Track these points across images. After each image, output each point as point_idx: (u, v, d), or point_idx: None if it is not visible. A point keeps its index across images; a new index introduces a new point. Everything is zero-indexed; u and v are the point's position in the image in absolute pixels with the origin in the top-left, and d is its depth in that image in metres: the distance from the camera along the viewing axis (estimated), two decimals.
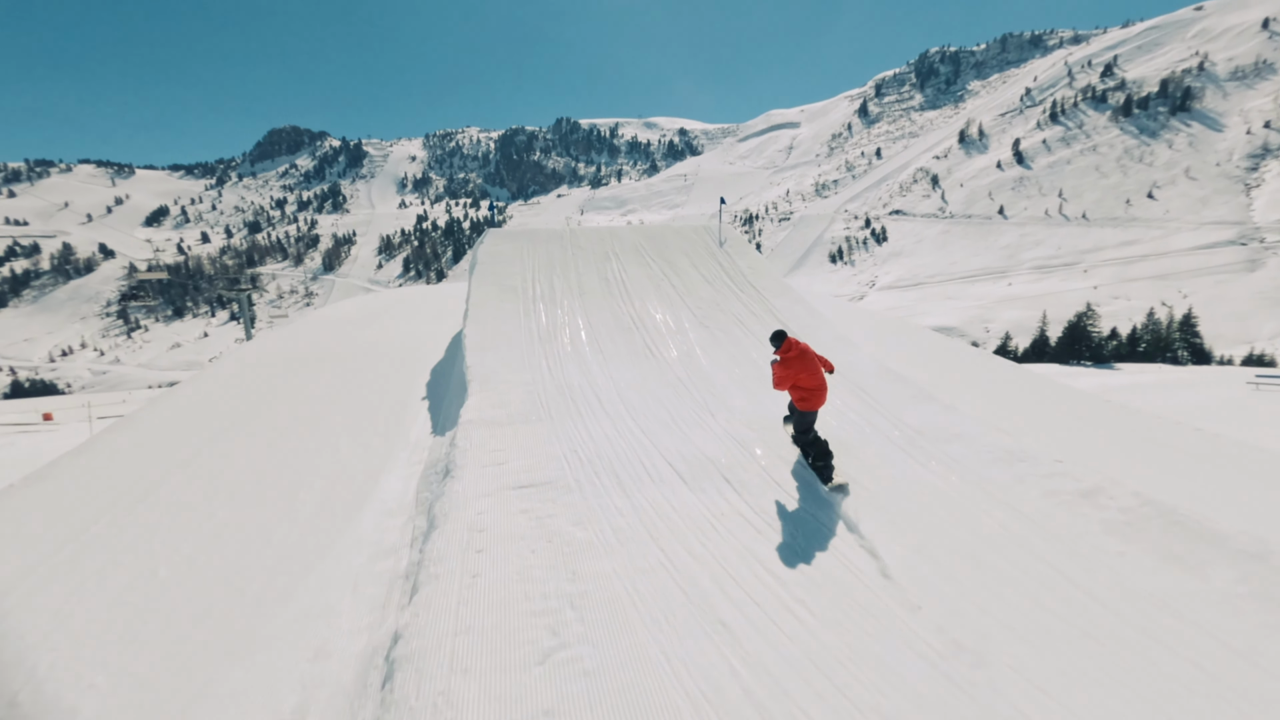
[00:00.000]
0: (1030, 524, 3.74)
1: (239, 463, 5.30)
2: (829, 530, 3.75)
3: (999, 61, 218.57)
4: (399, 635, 2.82)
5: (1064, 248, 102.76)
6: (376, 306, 12.09)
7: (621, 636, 2.77)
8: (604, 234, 10.52)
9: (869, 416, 5.45)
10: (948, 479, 4.36)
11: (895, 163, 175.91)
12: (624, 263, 9.52)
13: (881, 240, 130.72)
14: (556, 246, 9.97)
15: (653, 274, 9.20)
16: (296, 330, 10.30)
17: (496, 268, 8.94)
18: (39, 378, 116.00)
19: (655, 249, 10.15)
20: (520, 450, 4.74)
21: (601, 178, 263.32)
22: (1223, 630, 2.76)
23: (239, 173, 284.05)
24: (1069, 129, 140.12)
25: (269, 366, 8.02)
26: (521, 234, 10.37)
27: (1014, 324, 77.83)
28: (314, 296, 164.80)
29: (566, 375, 6.39)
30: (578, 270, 9.13)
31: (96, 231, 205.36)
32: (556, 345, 7.16)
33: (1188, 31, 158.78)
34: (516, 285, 8.52)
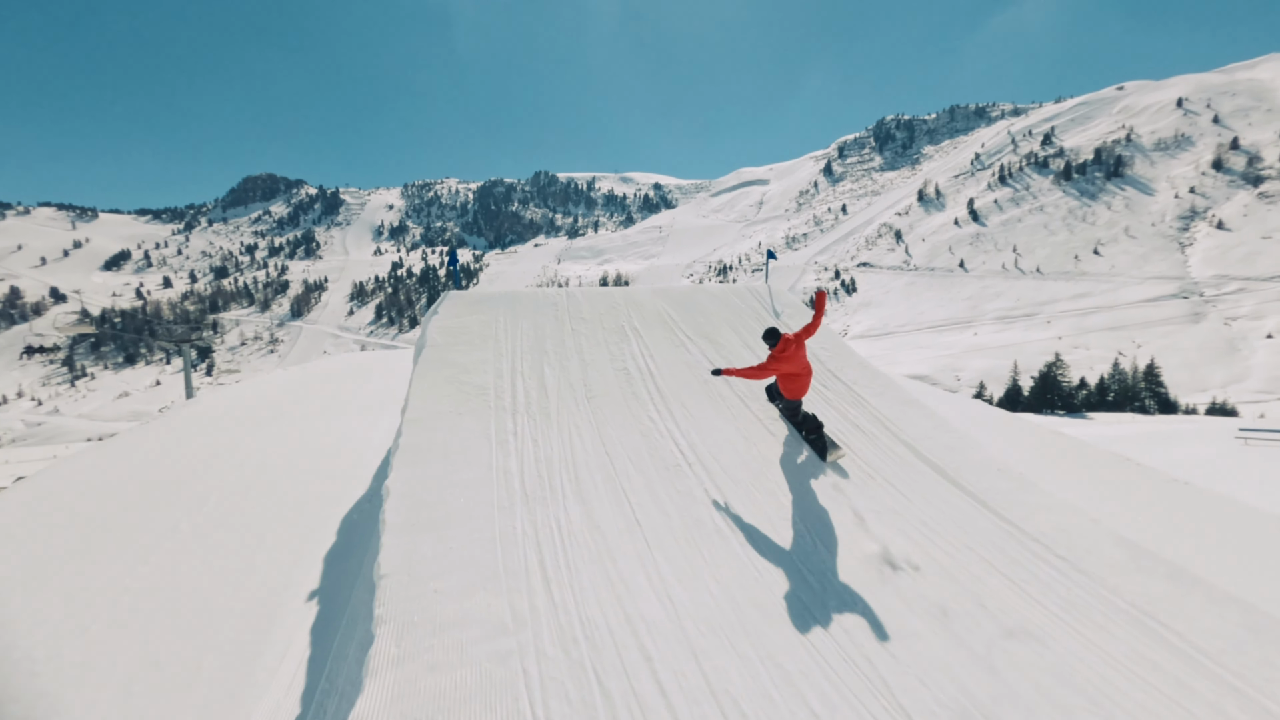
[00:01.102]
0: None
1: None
2: None
3: (948, 129, 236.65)
4: None
5: (1022, 299, 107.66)
6: (306, 381, 9.28)
7: None
8: (615, 297, 7.26)
9: None
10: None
11: (860, 218, 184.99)
12: (647, 342, 6.31)
13: (851, 291, 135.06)
14: (548, 317, 6.58)
15: (692, 360, 6.06)
16: (173, 426, 6.71)
17: (455, 354, 5.55)
18: None
19: (689, 320, 6.97)
20: None
21: (578, 228, 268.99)
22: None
23: (209, 218, 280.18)
24: (1017, 190, 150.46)
25: (66, 511, 4.49)
26: (496, 298, 6.83)
27: (983, 372, 79.78)
28: (279, 343, 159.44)
29: (582, 605, 2.99)
30: (580, 355, 5.86)
31: (49, 275, 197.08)
32: (554, 515, 3.70)
33: (1113, 107, 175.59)
34: (486, 384, 5.11)
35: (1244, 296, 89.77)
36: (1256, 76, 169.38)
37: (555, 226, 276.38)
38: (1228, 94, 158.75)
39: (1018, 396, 48.85)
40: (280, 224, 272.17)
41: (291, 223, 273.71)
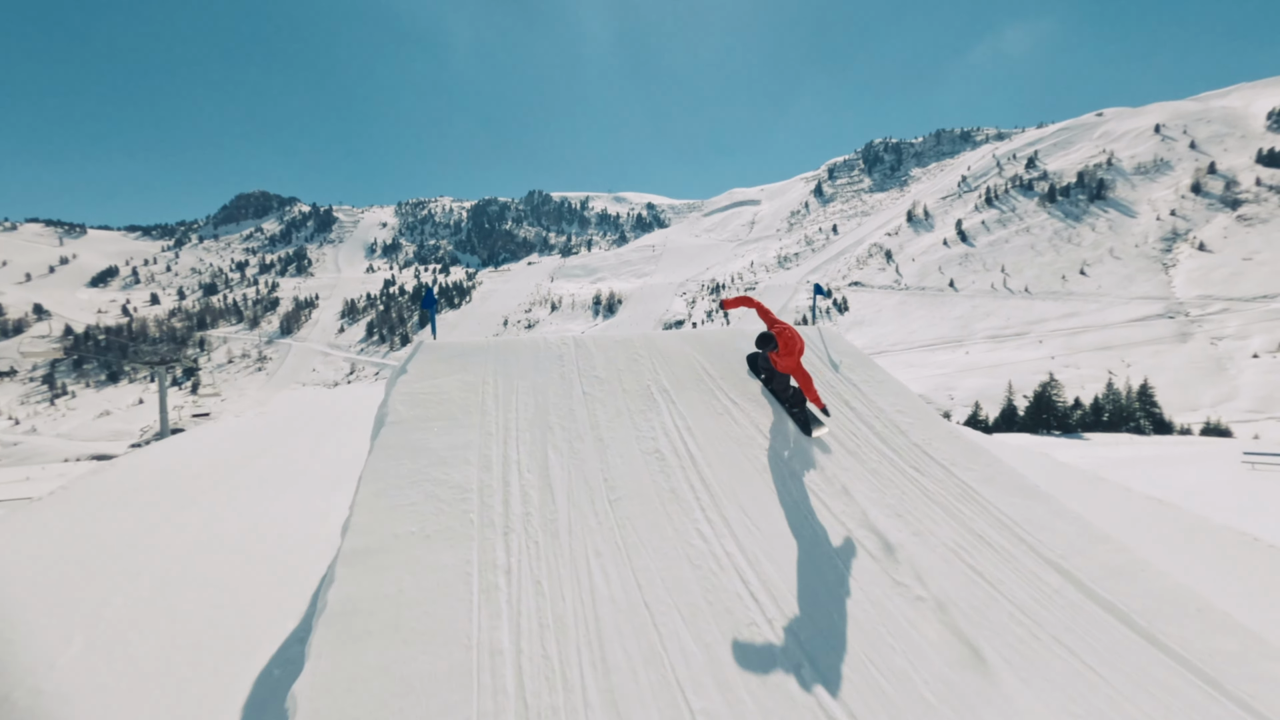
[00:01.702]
0: None
1: None
2: None
3: (935, 152, 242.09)
4: None
5: (1012, 319, 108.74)
6: (259, 433, 7.74)
7: None
8: (635, 347, 5.58)
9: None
10: None
11: (851, 238, 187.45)
12: (681, 408, 4.68)
13: (843, 310, 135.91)
14: (552, 375, 4.92)
15: (742, 434, 4.46)
16: (65, 508, 5.47)
17: (427, 435, 3.93)
18: None
19: (729, 375, 5.24)
20: None
21: (572, 247, 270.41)
22: None
23: (200, 235, 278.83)
24: (1004, 212, 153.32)
25: None
26: (485, 349, 5.08)
27: (976, 392, 79.90)
28: (267, 361, 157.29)
29: None
30: (597, 432, 4.27)
31: (34, 291, 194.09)
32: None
33: (1093, 133, 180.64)
34: (467, 483, 3.56)
35: (1229, 316, 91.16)
36: (1229, 104, 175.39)
37: (549, 245, 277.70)
38: (1203, 120, 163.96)
39: (1013, 417, 48.68)
40: (272, 241, 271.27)
41: (284, 240, 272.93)
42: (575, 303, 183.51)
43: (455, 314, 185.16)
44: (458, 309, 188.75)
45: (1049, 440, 41.38)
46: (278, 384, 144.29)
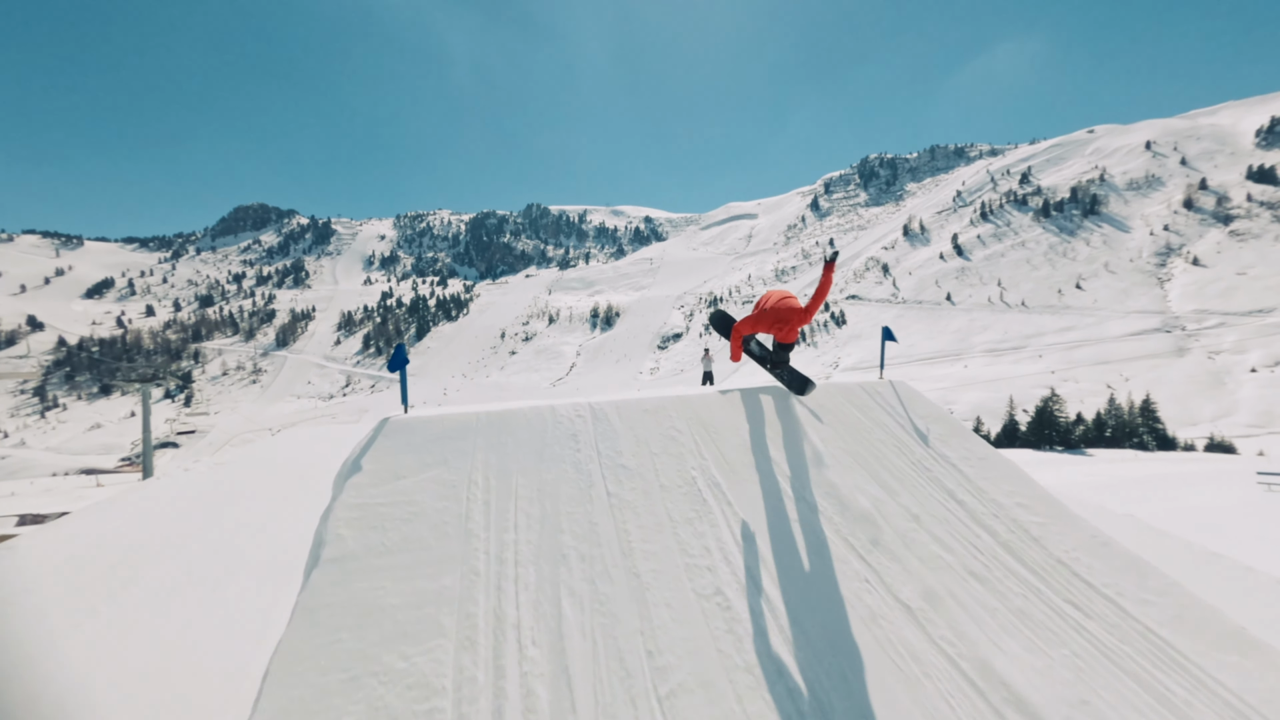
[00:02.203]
0: None
1: None
2: None
3: (930, 168, 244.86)
4: None
5: (1010, 332, 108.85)
6: (206, 495, 5.93)
7: None
8: (670, 416, 4.14)
9: None
10: None
11: (847, 252, 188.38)
12: (741, 509, 3.39)
13: (841, 323, 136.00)
14: (564, 467, 3.53)
15: (831, 551, 3.36)
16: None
17: (378, 581, 2.65)
18: None
19: (793, 454, 4.10)
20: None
21: (570, 259, 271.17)
22: None
23: (198, 247, 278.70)
24: (999, 226, 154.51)
25: None
26: (470, 428, 3.69)
27: (976, 406, 79.53)
28: (262, 373, 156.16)
29: None
30: (630, 563, 2.95)
31: (27, 303, 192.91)
32: None
33: (1085, 149, 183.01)
34: (442, 679, 2.29)
35: (1225, 331, 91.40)
36: (1218, 122, 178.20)
37: (547, 258, 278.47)
38: (1193, 137, 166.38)
39: (1015, 432, 48.26)
40: (270, 253, 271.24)
41: (282, 252, 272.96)
42: (573, 315, 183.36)
43: (452, 326, 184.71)
44: (455, 321, 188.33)
45: (1052, 457, 40.92)
46: (272, 396, 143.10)
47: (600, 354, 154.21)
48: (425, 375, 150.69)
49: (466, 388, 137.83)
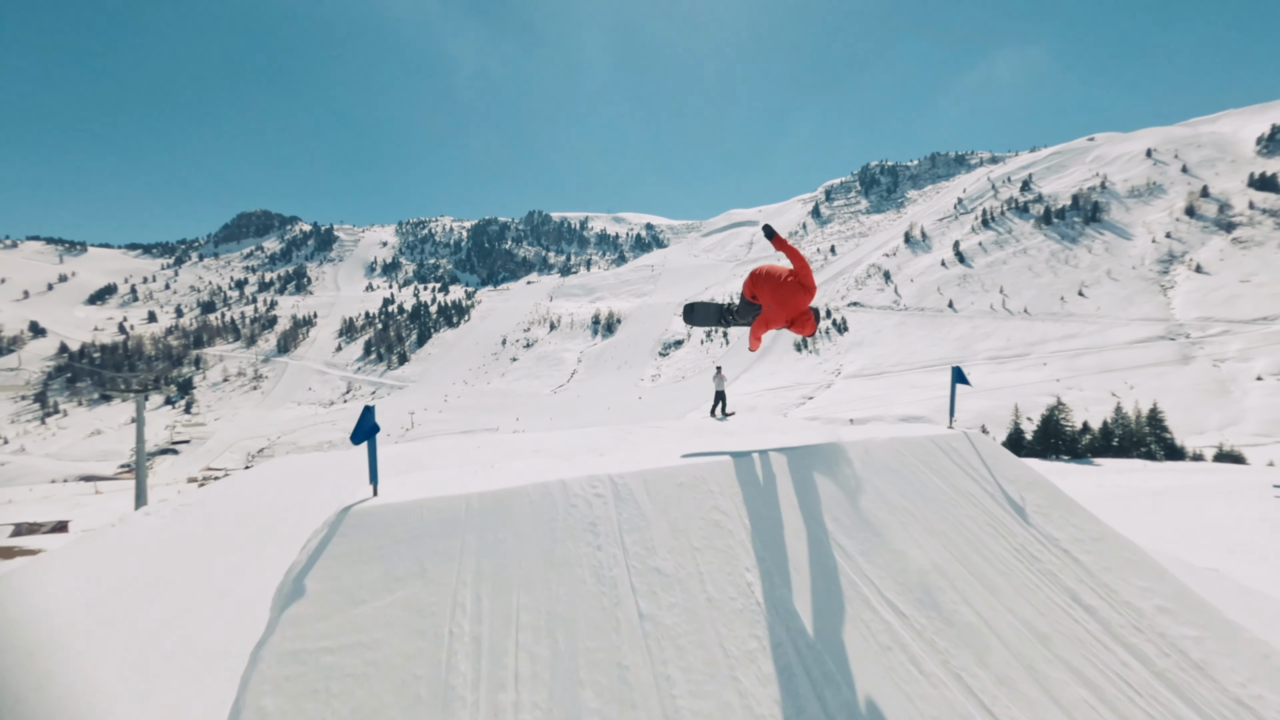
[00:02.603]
0: None
1: None
2: None
3: (930, 175, 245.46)
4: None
5: (1013, 340, 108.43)
6: (170, 545, 4.68)
7: None
8: (710, 493, 3.23)
9: None
10: None
11: (849, 259, 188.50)
12: (818, 638, 2.57)
13: (843, 330, 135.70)
14: (580, 573, 2.65)
15: (947, 698, 2.44)
16: None
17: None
18: None
19: (866, 541, 3.15)
20: None
21: (571, 266, 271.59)
22: None
23: (200, 253, 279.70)
24: (1000, 234, 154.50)
25: None
26: (459, 521, 2.75)
27: (980, 414, 78.99)
28: (263, 379, 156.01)
29: None
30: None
31: (29, 309, 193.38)
32: None
33: (1086, 156, 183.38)
34: None
35: (1229, 338, 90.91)
36: (1219, 130, 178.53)
37: (548, 264, 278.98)
38: (1193, 145, 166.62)
39: (1020, 441, 47.76)
40: (272, 259, 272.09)
41: (284, 258, 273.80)
42: (574, 322, 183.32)
43: (453, 332, 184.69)
44: (456, 328, 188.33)
45: (1060, 466, 40.46)
46: (273, 403, 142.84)
47: (601, 361, 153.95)
48: (426, 382, 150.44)
49: (467, 394, 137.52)
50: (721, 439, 4.94)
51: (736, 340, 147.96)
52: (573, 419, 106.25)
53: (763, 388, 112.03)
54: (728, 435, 6.04)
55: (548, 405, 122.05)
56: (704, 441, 4.77)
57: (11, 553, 21.40)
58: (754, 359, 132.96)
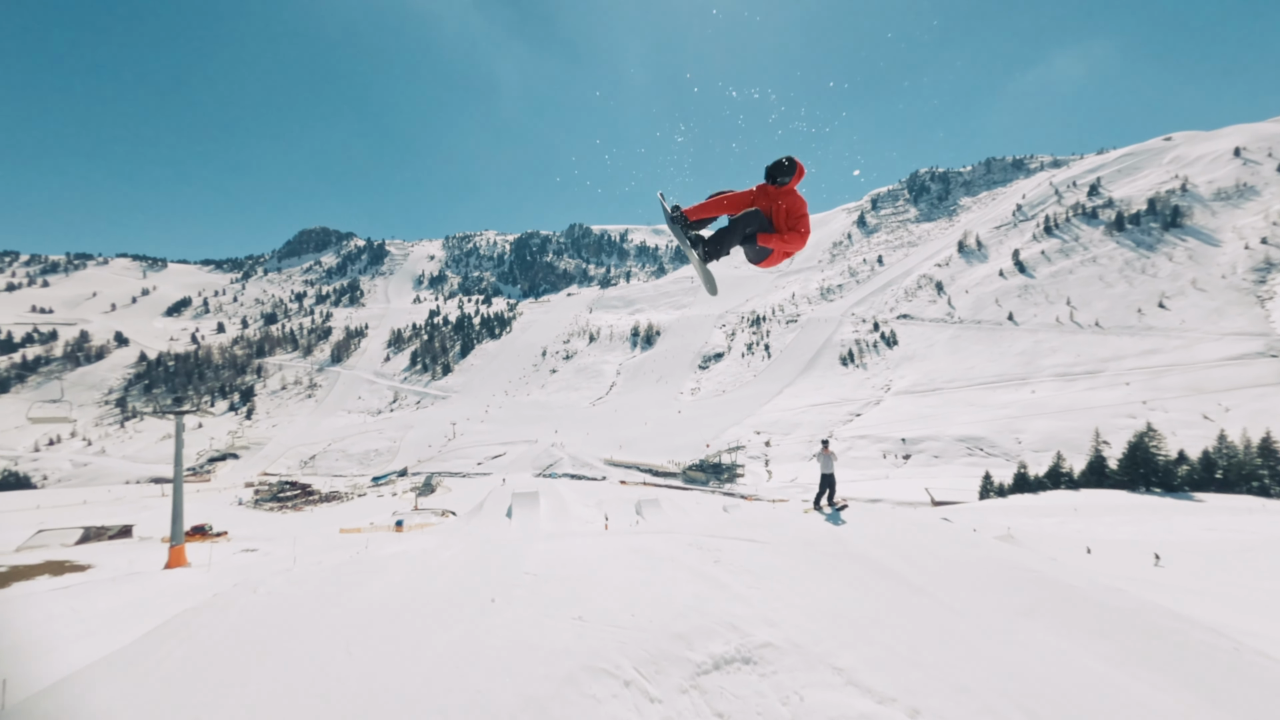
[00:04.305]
0: None
1: None
2: None
3: (985, 181, 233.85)
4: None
5: (1083, 355, 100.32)
6: (222, 654, 3.42)
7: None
8: None
9: None
10: None
11: (897, 269, 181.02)
12: None
13: (892, 344, 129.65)
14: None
15: None
16: None
17: None
18: (16, 469, 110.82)
19: None
20: None
21: (611, 278, 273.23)
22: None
23: (265, 268, 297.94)
24: (1065, 241, 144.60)
25: None
26: None
27: (1048, 436, 72.96)
28: (317, 388, 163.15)
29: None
30: None
31: (117, 320, 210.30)
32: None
33: (1163, 158, 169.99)
34: None
35: None
36: None
37: (588, 276, 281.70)
38: None
39: (1102, 469, 43.13)
40: (329, 273, 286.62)
41: (340, 272, 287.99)
42: (613, 334, 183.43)
43: (495, 344, 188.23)
44: (498, 339, 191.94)
45: (1152, 501, 36.01)
46: (326, 410, 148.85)
47: (640, 373, 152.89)
48: (468, 392, 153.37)
49: (508, 405, 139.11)
50: (851, 574, 3.14)
51: (779, 354, 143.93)
52: (610, 433, 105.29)
53: (807, 403, 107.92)
54: (855, 561, 4.25)
55: (585, 418, 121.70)
56: (829, 577, 2.99)
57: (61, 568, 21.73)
58: (796, 373, 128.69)
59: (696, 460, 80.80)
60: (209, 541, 28.75)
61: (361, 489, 75.49)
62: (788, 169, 3.46)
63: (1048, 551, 19.39)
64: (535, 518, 30.61)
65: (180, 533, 17.49)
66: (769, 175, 3.47)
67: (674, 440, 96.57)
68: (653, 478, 78.08)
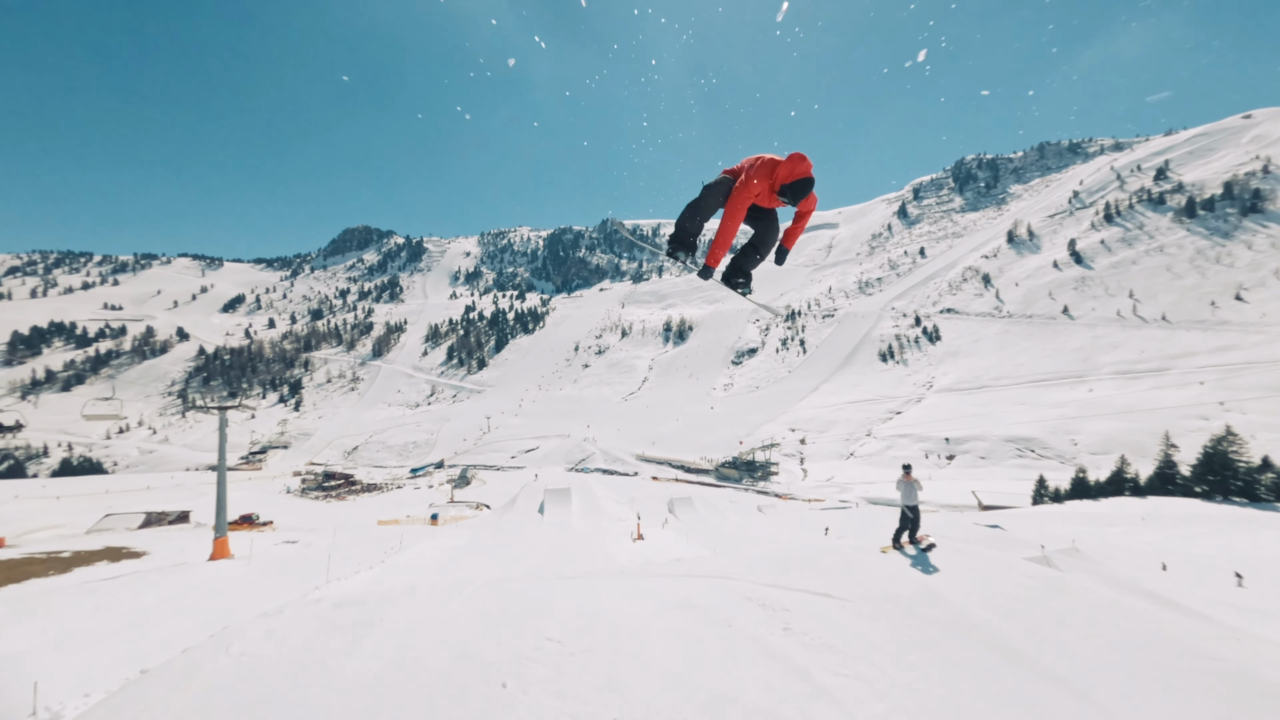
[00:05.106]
0: None
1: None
2: None
3: (1038, 167, 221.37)
4: None
5: (1148, 351, 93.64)
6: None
7: None
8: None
9: None
10: None
11: (940, 261, 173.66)
12: None
13: (935, 339, 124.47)
14: None
15: None
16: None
17: None
18: (90, 455, 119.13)
19: None
20: None
21: (643, 273, 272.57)
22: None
23: (312, 266, 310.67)
24: (1128, 230, 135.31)
25: None
26: None
27: (1108, 438, 68.41)
28: (359, 381, 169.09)
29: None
30: None
31: (178, 316, 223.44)
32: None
33: (1241, 137, 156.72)
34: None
35: None
36: None
37: (621, 271, 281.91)
38: None
39: (1172, 476, 39.92)
40: (371, 270, 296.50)
41: (380, 269, 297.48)
42: (646, 329, 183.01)
43: (529, 339, 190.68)
44: (531, 334, 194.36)
45: (1232, 512, 33.02)
46: (368, 403, 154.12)
47: (672, 369, 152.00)
48: (503, 387, 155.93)
49: (541, 399, 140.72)
50: (965, 655, 2.24)
51: (814, 349, 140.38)
52: (642, 429, 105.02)
53: (844, 400, 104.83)
54: (966, 633, 3.41)
55: (617, 413, 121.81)
56: (937, 659, 2.15)
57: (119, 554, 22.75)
58: (833, 369, 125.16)
59: (729, 457, 79.56)
60: (255, 531, 29.72)
61: (400, 480, 77.63)
62: (804, 188, 2.84)
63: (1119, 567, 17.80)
64: (567, 514, 30.44)
65: (224, 524, 17.92)
66: (787, 194, 2.85)
67: (706, 437, 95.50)
68: (685, 474, 77.36)
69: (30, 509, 48.42)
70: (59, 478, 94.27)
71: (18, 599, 11.28)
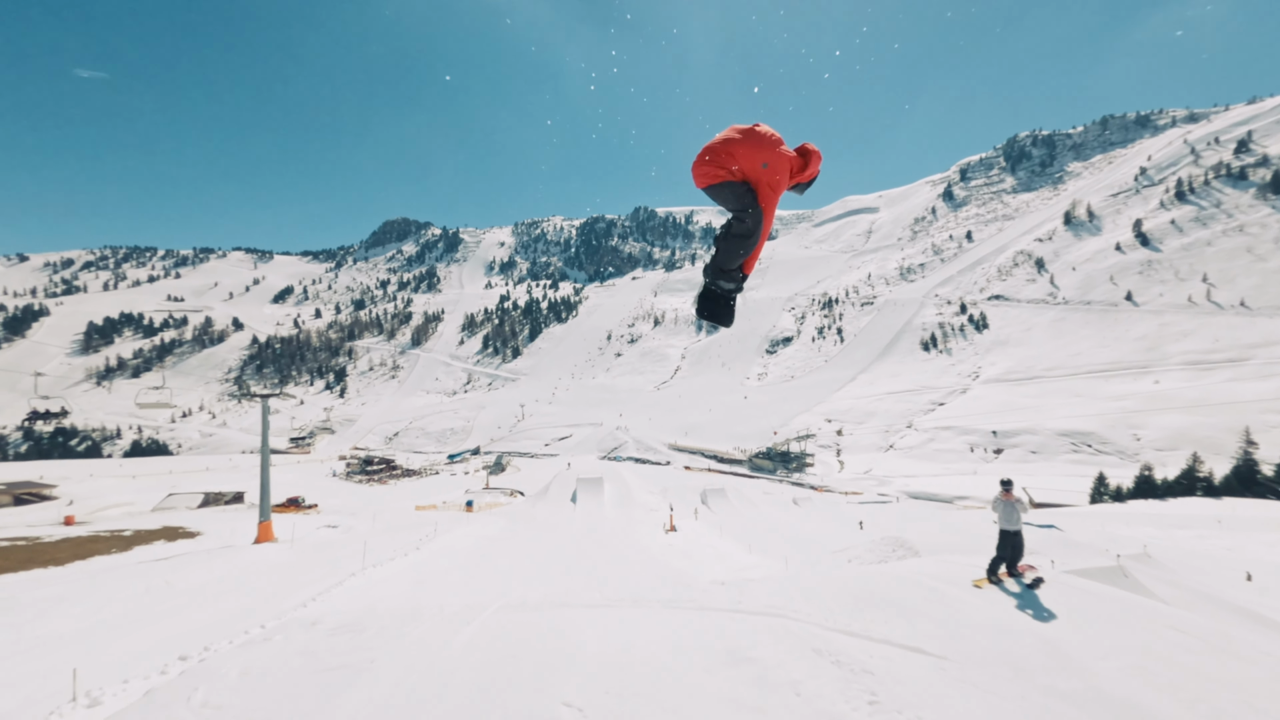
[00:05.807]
0: None
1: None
2: None
3: (1100, 143, 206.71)
4: None
5: (1223, 340, 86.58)
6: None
7: None
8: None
9: None
10: None
11: (989, 246, 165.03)
12: None
13: (982, 327, 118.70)
14: None
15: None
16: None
17: None
18: (158, 438, 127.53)
19: None
20: None
21: (676, 261, 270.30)
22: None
23: (355, 257, 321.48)
24: (1203, 208, 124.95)
25: None
26: None
27: (1177, 434, 63.78)
28: (399, 369, 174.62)
29: None
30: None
31: (233, 307, 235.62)
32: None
33: None
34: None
35: None
36: None
37: (653, 260, 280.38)
38: None
39: (1252, 476, 36.75)
40: (409, 261, 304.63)
41: (418, 260, 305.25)
42: (678, 317, 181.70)
43: (562, 328, 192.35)
44: (564, 323, 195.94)
45: None
46: (407, 391, 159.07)
47: (705, 358, 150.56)
48: (536, 375, 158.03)
49: (574, 388, 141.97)
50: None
51: (852, 338, 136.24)
52: (674, 418, 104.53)
53: (883, 390, 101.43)
54: None
55: (649, 402, 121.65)
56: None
57: (175, 534, 23.95)
58: (871, 358, 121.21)
59: (763, 448, 78.26)
60: (299, 513, 30.85)
61: (437, 466, 79.82)
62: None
63: (1197, 575, 16.30)
64: (599, 504, 30.38)
65: (267, 509, 18.50)
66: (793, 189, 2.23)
67: (740, 427, 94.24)
68: (718, 465, 76.62)
69: (103, 487, 52.04)
70: (130, 458, 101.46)
71: (75, 579, 11.81)
